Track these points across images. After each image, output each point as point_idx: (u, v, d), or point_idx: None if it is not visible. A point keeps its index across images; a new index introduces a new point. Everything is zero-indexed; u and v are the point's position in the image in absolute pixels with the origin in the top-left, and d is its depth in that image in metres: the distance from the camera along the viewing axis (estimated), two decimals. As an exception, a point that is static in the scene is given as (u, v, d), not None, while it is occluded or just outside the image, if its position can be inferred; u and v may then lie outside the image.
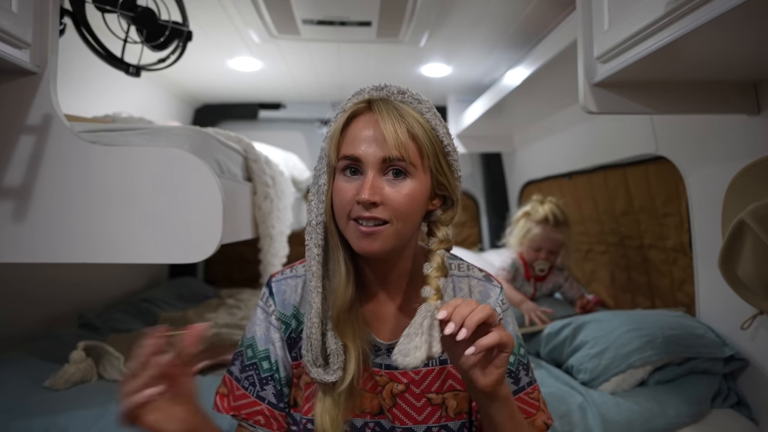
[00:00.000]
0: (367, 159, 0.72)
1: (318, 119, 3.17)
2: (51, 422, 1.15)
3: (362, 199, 0.70)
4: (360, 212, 0.71)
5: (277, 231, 1.61)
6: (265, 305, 0.83)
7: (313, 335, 0.74)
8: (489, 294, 0.84)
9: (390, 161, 0.71)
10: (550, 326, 1.60)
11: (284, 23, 1.82)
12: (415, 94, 0.76)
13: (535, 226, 1.96)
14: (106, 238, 0.98)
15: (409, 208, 0.73)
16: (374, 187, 0.71)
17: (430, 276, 0.75)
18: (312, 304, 0.75)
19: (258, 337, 0.82)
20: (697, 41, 0.84)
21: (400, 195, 0.72)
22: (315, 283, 0.75)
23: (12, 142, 0.95)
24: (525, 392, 0.83)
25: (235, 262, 3.13)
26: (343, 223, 0.74)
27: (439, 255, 0.77)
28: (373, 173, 0.71)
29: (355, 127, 0.75)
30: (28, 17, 0.90)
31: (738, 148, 1.24)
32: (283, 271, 0.85)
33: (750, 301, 1.11)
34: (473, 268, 0.87)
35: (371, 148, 0.72)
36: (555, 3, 1.61)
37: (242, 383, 0.81)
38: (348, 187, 0.73)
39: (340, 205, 0.73)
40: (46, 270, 1.80)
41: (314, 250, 0.76)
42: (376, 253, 0.73)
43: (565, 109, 2.21)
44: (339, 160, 0.74)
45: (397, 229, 0.72)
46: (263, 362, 0.81)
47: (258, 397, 0.80)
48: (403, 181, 0.72)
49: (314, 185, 0.78)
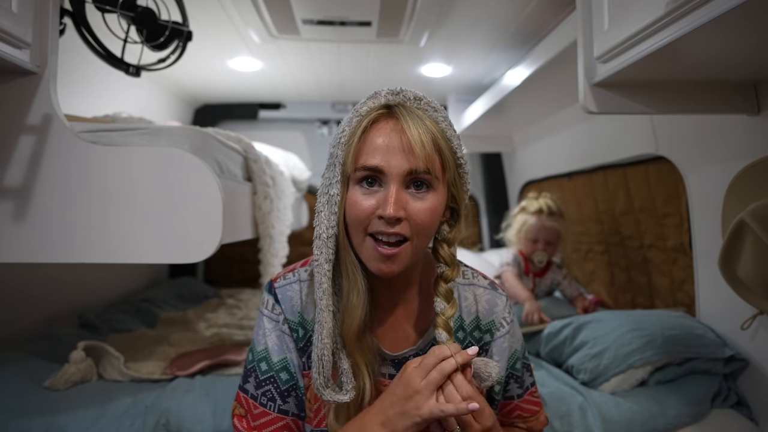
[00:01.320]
0: (391, 171, 0.67)
1: (318, 119, 3.17)
2: (51, 422, 1.15)
3: (387, 215, 0.65)
4: (381, 228, 0.67)
5: (277, 231, 1.61)
6: (271, 313, 0.79)
7: (325, 357, 0.69)
8: (496, 303, 0.83)
9: (416, 174, 0.67)
10: (550, 326, 1.60)
11: (284, 23, 1.82)
12: (431, 102, 0.72)
13: (530, 218, 2.03)
14: (106, 238, 0.98)
15: (431, 223, 0.70)
16: (399, 202, 0.66)
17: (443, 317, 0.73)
18: (323, 325, 0.69)
19: (270, 348, 0.77)
20: (697, 41, 0.84)
21: (423, 210, 0.68)
22: (326, 301, 0.70)
23: (12, 142, 0.95)
24: (529, 392, 0.85)
25: (235, 262, 3.13)
26: (358, 238, 0.70)
27: (448, 287, 0.75)
28: (396, 186, 0.67)
29: (375, 135, 0.69)
30: (28, 17, 0.90)
31: (738, 148, 1.24)
32: (284, 275, 0.81)
33: (750, 301, 1.11)
34: (477, 276, 0.85)
35: (396, 159, 0.67)
36: (555, 3, 1.61)
37: (259, 400, 0.76)
38: (366, 199, 0.68)
39: (356, 219, 0.69)
40: (46, 270, 1.80)
41: (325, 265, 0.70)
42: (394, 274, 0.70)
43: (565, 109, 2.21)
44: (357, 170, 0.68)
45: (416, 246, 0.70)
46: (281, 374, 0.77)
47: (280, 411, 0.76)
48: (426, 195, 0.69)
49: (324, 194, 0.71)
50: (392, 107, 0.70)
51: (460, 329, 0.81)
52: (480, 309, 0.82)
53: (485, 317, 0.82)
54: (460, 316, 0.81)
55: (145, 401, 1.25)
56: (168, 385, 1.35)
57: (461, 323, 0.81)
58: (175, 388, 1.32)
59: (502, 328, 0.82)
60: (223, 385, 1.34)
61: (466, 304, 0.82)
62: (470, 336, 0.81)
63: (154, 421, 1.18)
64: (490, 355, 0.82)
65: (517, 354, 0.84)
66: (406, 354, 0.79)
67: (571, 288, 2.08)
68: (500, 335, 0.81)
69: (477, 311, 0.82)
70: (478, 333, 0.82)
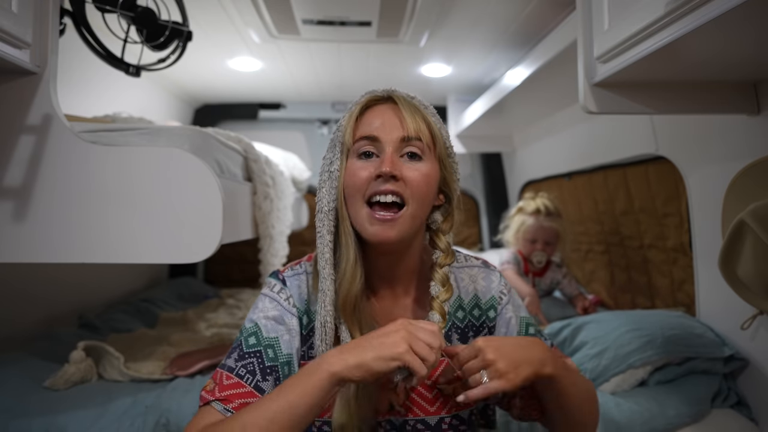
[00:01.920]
0: (385, 137, 0.73)
1: (318, 119, 3.17)
2: (51, 422, 1.15)
3: (384, 171, 0.70)
4: (378, 186, 0.72)
5: (277, 231, 1.61)
6: (277, 295, 0.78)
7: (328, 323, 0.73)
8: (491, 279, 0.86)
9: (408, 140, 0.73)
10: (550, 326, 1.60)
11: (284, 23, 1.82)
12: (421, 101, 0.79)
13: (528, 218, 2.04)
14: (105, 238, 0.98)
15: (426, 188, 0.74)
16: (395, 162, 0.72)
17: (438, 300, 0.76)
18: (327, 292, 0.73)
19: (263, 324, 0.75)
20: (697, 41, 0.84)
21: (418, 174, 0.73)
22: (329, 270, 0.74)
23: (12, 142, 0.95)
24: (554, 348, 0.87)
25: (235, 262, 3.13)
26: (355, 207, 0.74)
27: (444, 272, 0.78)
28: (391, 150, 0.73)
29: (371, 114, 0.77)
30: (28, 17, 0.90)
31: (738, 148, 1.24)
32: (292, 267, 0.83)
33: (750, 301, 1.11)
34: (470, 258, 0.89)
35: (390, 128, 0.74)
36: (555, 3, 1.61)
37: (237, 371, 0.71)
38: (364, 166, 0.74)
39: (355, 185, 0.73)
40: (46, 270, 1.80)
41: (326, 236, 0.75)
42: (392, 240, 0.72)
43: (565, 109, 2.21)
44: (355, 142, 0.75)
45: (413, 212, 0.73)
46: (268, 350, 0.73)
47: (256, 387, 0.70)
48: (419, 163, 0.74)
49: (325, 172, 0.77)
50: (388, 94, 0.78)
51: (460, 309, 0.83)
52: (478, 288, 0.85)
53: (484, 295, 0.84)
54: (459, 296, 0.84)
55: (145, 401, 1.25)
56: (168, 385, 1.35)
57: (460, 303, 0.84)
58: (175, 388, 1.32)
59: (502, 300, 0.85)
60: (223, 385, 1.34)
61: (463, 285, 0.85)
62: (470, 315, 0.83)
63: (154, 421, 1.18)
64: (497, 331, 0.83)
65: (527, 320, 0.86)
66: None
67: (570, 287, 2.09)
68: (502, 307, 0.84)
69: (475, 290, 0.85)
70: (478, 311, 0.84)
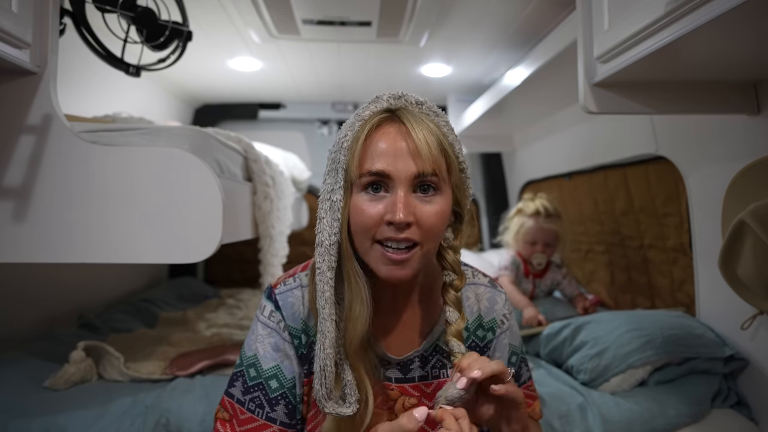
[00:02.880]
0: (398, 175, 0.65)
1: (318, 119, 3.16)
2: (51, 422, 1.15)
3: (398, 220, 0.64)
4: (390, 234, 0.65)
5: (277, 231, 1.61)
6: (268, 320, 0.77)
7: (328, 368, 0.67)
8: (496, 300, 0.84)
9: (423, 177, 0.66)
10: (550, 327, 1.60)
11: (284, 23, 1.82)
12: (432, 106, 0.72)
13: (527, 220, 2.02)
14: (105, 238, 0.98)
15: (440, 227, 0.69)
16: (408, 206, 0.65)
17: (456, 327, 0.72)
18: (326, 334, 0.67)
19: (261, 355, 0.76)
20: (697, 41, 0.84)
21: (432, 214, 0.67)
22: (329, 310, 0.68)
23: (12, 142, 0.95)
24: (525, 386, 0.87)
25: (235, 262, 3.13)
26: (365, 245, 0.68)
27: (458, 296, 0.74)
28: (404, 191, 0.65)
29: (380, 139, 0.67)
30: (28, 17, 0.90)
31: (738, 148, 1.24)
32: (285, 281, 0.79)
33: (750, 301, 1.11)
34: (478, 274, 0.86)
35: (402, 163, 0.65)
36: (555, 3, 1.61)
37: (247, 405, 0.75)
38: (373, 206, 0.66)
39: (363, 226, 0.67)
40: (46, 270, 1.80)
41: (327, 273, 0.68)
42: (407, 279, 0.68)
43: (565, 109, 2.21)
44: (362, 175, 0.67)
45: (426, 251, 0.69)
46: (270, 381, 0.75)
47: (268, 418, 0.75)
48: (434, 198, 0.67)
49: (326, 200, 0.69)
50: (395, 111, 0.69)
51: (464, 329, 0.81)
52: (482, 308, 0.83)
53: (487, 315, 0.83)
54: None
55: (145, 401, 1.25)
56: (168, 385, 1.35)
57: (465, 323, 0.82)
58: (175, 388, 1.32)
59: (503, 325, 0.84)
60: (223, 385, 1.33)
61: (468, 303, 0.82)
62: (473, 335, 0.82)
63: (154, 421, 1.18)
64: (492, 352, 0.83)
65: (513, 349, 0.85)
66: (411, 356, 0.79)
67: (571, 287, 2.09)
68: (501, 332, 0.83)
69: (479, 310, 0.83)
70: (482, 331, 0.83)
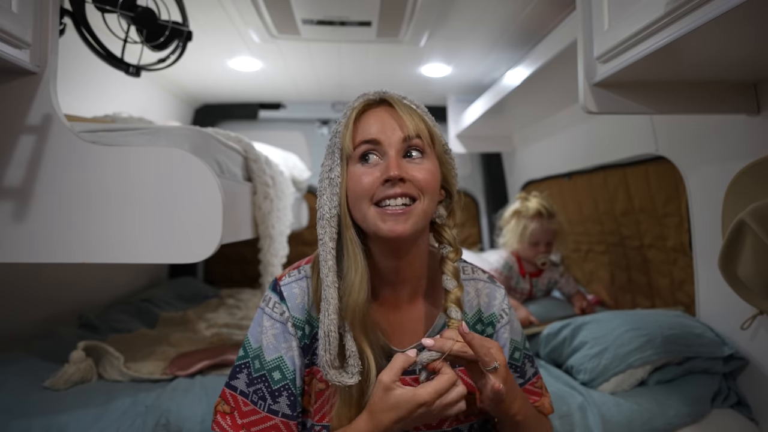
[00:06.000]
0: (388, 141, 0.73)
1: (318, 119, 3.16)
2: (51, 422, 1.15)
3: (392, 175, 0.70)
4: (387, 191, 0.71)
5: (277, 231, 1.61)
6: (273, 311, 0.79)
7: (332, 333, 0.71)
8: (495, 296, 0.86)
9: (409, 140, 0.73)
10: (550, 327, 1.60)
11: (284, 23, 1.82)
12: (413, 100, 0.79)
13: (530, 222, 2.00)
14: (106, 238, 0.98)
15: (434, 184, 0.74)
16: (400, 165, 0.72)
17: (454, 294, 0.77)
18: (330, 300, 0.72)
19: (265, 346, 0.77)
20: (697, 41, 0.84)
21: (423, 170, 0.73)
22: (332, 278, 0.73)
23: (12, 142, 0.95)
24: (530, 383, 0.87)
25: (235, 262, 3.12)
26: (362, 210, 0.73)
27: (455, 266, 0.79)
28: (394, 152, 0.73)
29: (368, 118, 0.76)
30: (28, 17, 0.90)
31: (738, 148, 1.24)
32: (289, 273, 0.82)
33: (750, 301, 1.11)
34: (477, 270, 0.89)
35: (390, 130, 0.73)
36: (555, 3, 1.60)
37: (250, 398, 0.76)
38: (368, 171, 0.73)
39: (360, 191, 0.72)
40: (46, 270, 1.80)
41: (329, 243, 0.73)
42: (407, 233, 0.72)
43: (564, 110, 2.21)
44: (356, 147, 0.74)
45: (424, 207, 0.73)
46: (273, 373, 0.76)
47: (270, 411, 0.76)
48: (422, 161, 0.74)
49: (325, 179, 0.76)
50: (382, 97, 0.78)
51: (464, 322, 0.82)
52: (481, 302, 0.85)
53: (486, 310, 0.85)
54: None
55: (145, 401, 1.25)
56: (168, 385, 1.35)
57: (464, 317, 0.83)
58: (175, 388, 1.32)
59: (502, 319, 0.85)
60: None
61: (468, 298, 0.84)
62: (473, 329, 0.83)
63: (154, 421, 1.18)
64: None
65: (515, 344, 0.86)
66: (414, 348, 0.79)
67: (568, 285, 2.08)
68: (501, 326, 0.85)
69: (479, 304, 0.85)
70: (481, 326, 0.84)
